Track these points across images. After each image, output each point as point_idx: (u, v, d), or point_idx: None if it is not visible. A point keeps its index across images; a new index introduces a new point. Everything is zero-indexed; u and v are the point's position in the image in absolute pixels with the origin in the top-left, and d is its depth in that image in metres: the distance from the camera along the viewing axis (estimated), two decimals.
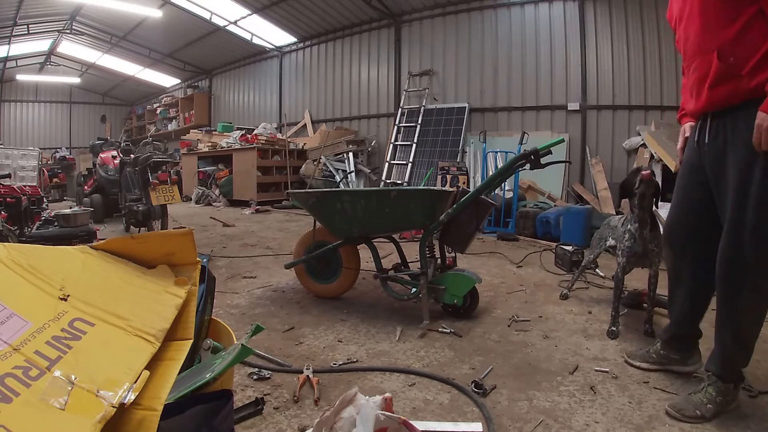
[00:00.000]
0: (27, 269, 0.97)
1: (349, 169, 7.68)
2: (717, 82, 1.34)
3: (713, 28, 1.35)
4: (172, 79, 13.42)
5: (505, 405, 1.48)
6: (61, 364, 0.78)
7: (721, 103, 1.36)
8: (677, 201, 1.65)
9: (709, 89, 1.37)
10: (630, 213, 2.04)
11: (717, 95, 1.36)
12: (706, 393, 1.42)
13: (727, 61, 1.31)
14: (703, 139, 1.47)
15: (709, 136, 1.44)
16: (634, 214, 1.99)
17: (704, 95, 1.40)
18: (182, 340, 1.01)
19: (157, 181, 4.16)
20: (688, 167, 1.59)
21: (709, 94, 1.38)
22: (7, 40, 9.73)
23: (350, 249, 2.55)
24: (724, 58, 1.31)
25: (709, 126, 1.44)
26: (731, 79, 1.31)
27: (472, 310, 2.35)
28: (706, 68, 1.37)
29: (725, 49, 1.31)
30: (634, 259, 2.05)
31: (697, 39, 1.42)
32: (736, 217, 1.34)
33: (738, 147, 1.34)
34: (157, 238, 1.23)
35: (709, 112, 1.44)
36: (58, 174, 10.69)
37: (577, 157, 6.08)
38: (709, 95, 1.38)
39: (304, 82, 9.67)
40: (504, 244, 4.50)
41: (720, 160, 1.40)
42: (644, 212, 1.96)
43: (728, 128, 1.37)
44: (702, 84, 1.40)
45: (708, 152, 1.46)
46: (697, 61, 1.42)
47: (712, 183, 1.46)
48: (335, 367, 1.74)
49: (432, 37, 7.56)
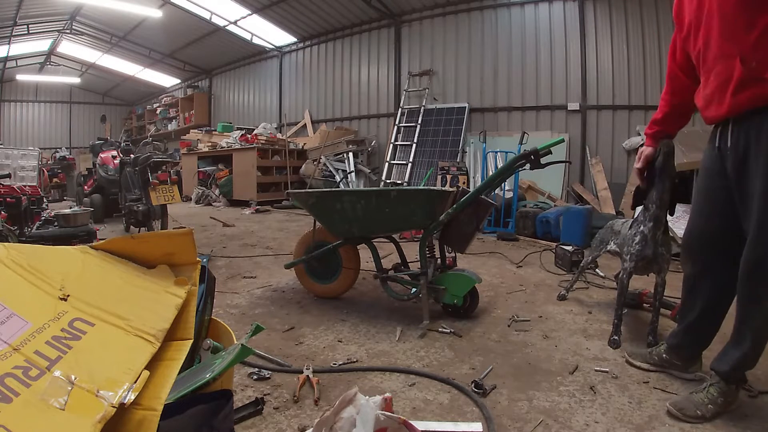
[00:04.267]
0: (27, 269, 0.97)
1: (349, 169, 7.68)
2: (741, 87, 1.33)
3: (734, 34, 1.34)
4: (172, 79, 13.43)
5: (505, 405, 1.48)
6: (61, 364, 0.78)
7: (745, 107, 1.35)
8: (698, 207, 1.60)
9: (733, 95, 1.35)
10: (643, 213, 1.87)
11: (741, 100, 1.34)
12: (708, 393, 1.42)
13: (750, 65, 1.30)
14: (725, 143, 1.44)
15: (731, 140, 1.41)
16: (650, 212, 1.82)
17: (727, 101, 1.38)
18: (182, 340, 1.01)
19: (157, 181, 4.16)
20: (707, 174, 1.55)
21: (733, 100, 1.36)
22: (7, 40, 9.74)
23: (350, 249, 2.55)
24: (746, 63, 1.31)
25: (731, 131, 1.42)
26: (755, 83, 1.30)
27: (472, 310, 2.35)
28: (728, 74, 1.36)
29: (747, 54, 1.30)
30: (642, 263, 1.91)
31: (718, 46, 1.40)
32: (763, 221, 1.30)
33: (762, 153, 1.31)
34: (157, 238, 1.22)
35: (730, 118, 1.42)
36: (58, 174, 10.68)
37: (577, 157, 6.08)
38: (732, 101, 1.36)
39: (304, 82, 9.67)
40: (504, 244, 4.50)
41: (743, 165, 1.38)
42: (661, 210, 1.79)
43: (752, 133, 1.35)
44: (724, 90, 1.38)
45: (731, 156, 1.42)
46: (719, 68, 1.40)
47: (734, 188, 1.42)
48: (335, 367, 1.74)
49: (432, 37, 7.57)
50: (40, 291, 0.93)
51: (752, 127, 1.34)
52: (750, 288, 1.37)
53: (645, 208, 1.86)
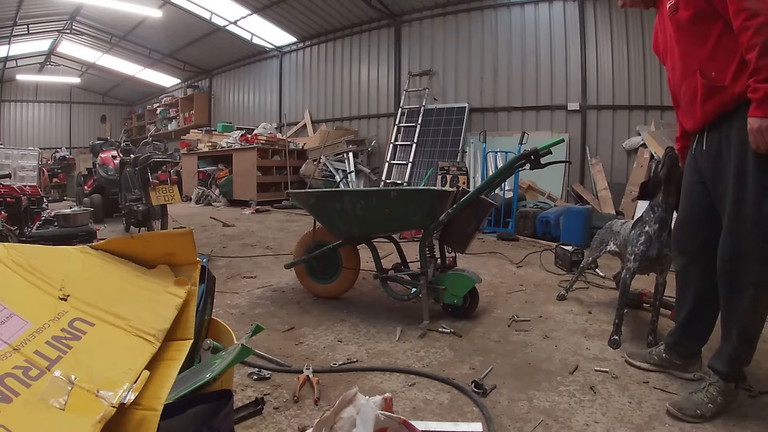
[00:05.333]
0: (27, 269, 0.97)
1: (349, 169, 7.68)
2: (706, 97, 1.43)
3: (691, 51, 1.47)
4: (172, 79, 13.42)
5: (505, 405, 1.48)
6: (61, 364, 0.78)
7: (715, 114, 1.44)
8: (682, 204, 1.70)
9: (701, 106, 1.45)
10: (649, 215, 1.89)
11: (709, 109, 1.44)
12: (707, 392, 1.42)
13: (709, 76, 1.41)
14: (701, 147, 1.54)
15: (706, 143, 1.51)
16: (656, 214, 1.85)
17: (698, 112, 1.48)
18: (182, 340, 1.01)
19: (157, 181, 4.16)
20: (688, 172, 1.66)
21: (702, 110, 1.46)
22: (7, 40, 9.73)
23: (350, 249, 2.55)
24: (706, 75, 1.41)
25: (706, 135, 1.51)
26: (718, 92, 1.39)
27: (472, 310, 2.35)
28: (694, 88, 1.47)
29: (705, 66, 1.42)
30: (646, 263, 1.92)
31: (681, 65, 1.53)
32: (735, 211, 1.37)
33: (732, 145, 1.39)
34: (157, 238, 1.22)
35: (706, 125, 1.51)
36: (58, 174, 10.69)
37: (577, 157, 6.08)
38: (702, 111, 1.47)
39: (304, 82, 9.67)
40: (504, 244, 4.50)
41: (717, 162, 1.46)
42: (667, 213, 1.83)
43: (723, 132, 1.43)
44: (693, 103, 1.49)
45: (705, 157, 1.51)
46: (685, 85, 1.52)
47: (710, 187, 1.51)
48: (335, 367, 1.74)
49: (432, 37, 7.57)
50: (40, 291, 0.93)
51: (723, 127, 1.43)
52: (727, 281, 1.41)
53: (651, 210, 1.89)
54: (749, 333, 1.42)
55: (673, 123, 5.43)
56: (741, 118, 1.32)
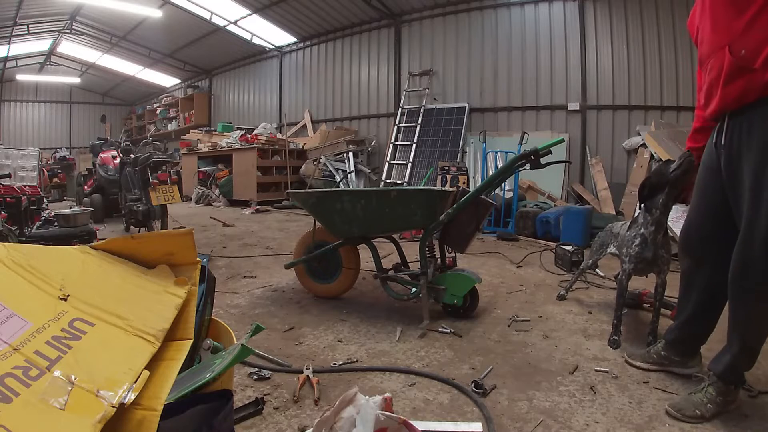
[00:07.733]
0: (27, 269, 0.97)
1: (349, 169, 7.68)
2: (730, 78, 1.29)
3: (723, 23, 1.31)
4: (172, 79, 13.42)
5: (505, 405, 1.48)
6: (61, 364, 0.78)
7: (736, 100, 1.31)
8: (695, 204, 1.60)
9: (723, 87, 1.32)
10: (644, 216, 1.87)
11: (731, 92, 1.30)
12: (707, 393, 1.42)
13: (738, 54, 1.25)
14: (720, 140, 1.42)
15: (725, 137, 1.39)
16: (652, 216, 1.83)
17: (718, 94, 1.35)
18: (182, 340, 1.01)
19: (157, 181, 4.16)
20: (705, 170, 1.54)
21: (723, 92, 1.32)
22: (7, 40, 9.73)
23: (350, 249, 2.55)
24: (735, 52, 1.26)
25: (726, 126, 1.39)
26: (744, 73, 1.25)
27: (472, 310, 2.35)
28: (719, 65, 1.32)
29: (736, 41, 1.26)
30: (642, 265, 1.92)
31: (710, 38, 1.38)
32: (750, 223, 1.28)
33: (752, 149, 1.28)
34: (157, 238, 1.22)
35: (725, 113, 1.39)
36: (58, 174, 10.69)
37: (577, 157, 6.08)
38: (722, 93, 1.33)
39: (304, 82, 9.67)
40: (504, 244, 4.50)
41: (734, 163, 1.35)
42: (664, 216, 1.81)
43: (743, 129, 1.32)
44: (716, 83, 1.35)
45: (723, 154, 1.40)
46: (711, 61, 1.37)
47: (727, 187, 1.41)
48: (335, 367, 1.74)
49: (432, 37, 7.56)
50: (40, 291, 0.93)
51: (744, 122, 1.32)
52: (738, 289, 1.35)
53: (648, 211, 1.85)
54: (752, 343, 1.38)
55: (674, 123, 5.44)
56: (765, 116, 1.22)
